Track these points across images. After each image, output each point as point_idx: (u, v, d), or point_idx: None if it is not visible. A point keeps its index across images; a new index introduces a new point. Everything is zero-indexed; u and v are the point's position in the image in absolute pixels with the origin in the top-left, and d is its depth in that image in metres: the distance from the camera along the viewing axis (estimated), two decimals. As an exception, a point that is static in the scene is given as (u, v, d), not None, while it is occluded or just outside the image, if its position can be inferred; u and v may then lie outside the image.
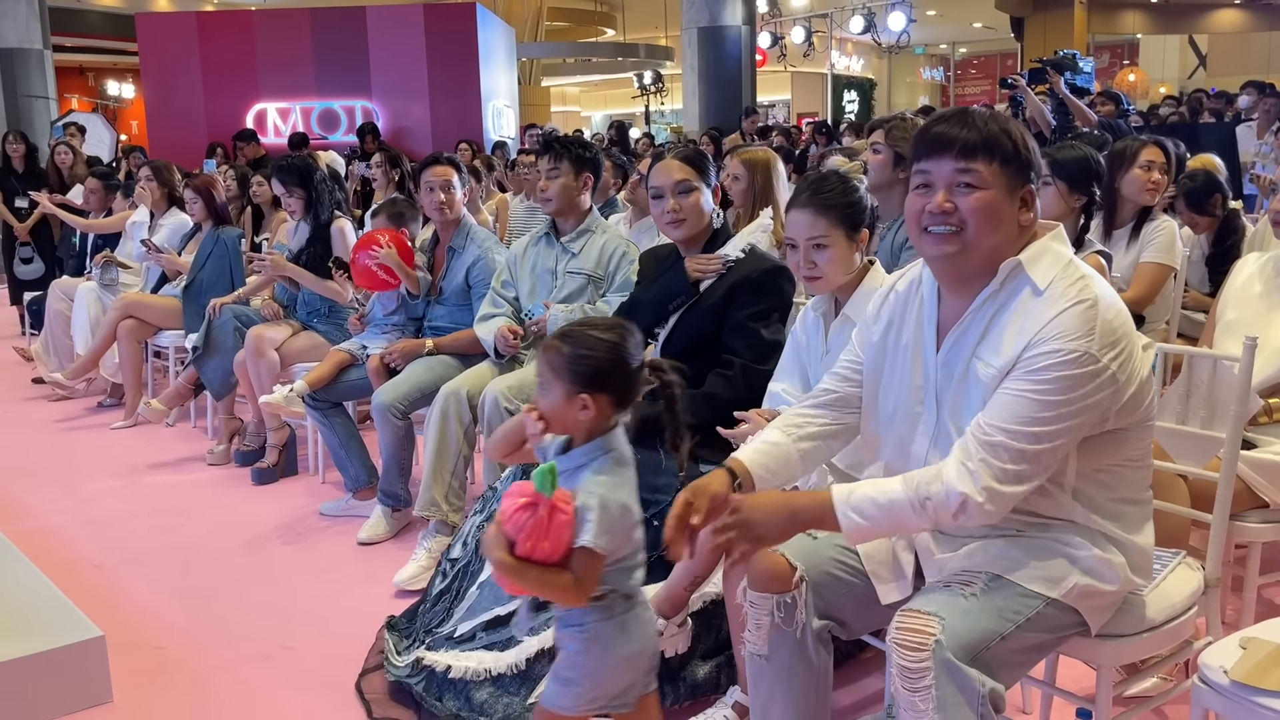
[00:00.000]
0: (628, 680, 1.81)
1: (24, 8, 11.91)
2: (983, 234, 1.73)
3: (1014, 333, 1.71)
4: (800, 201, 2.40)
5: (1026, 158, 1.75)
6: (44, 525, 3.97)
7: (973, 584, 1.72)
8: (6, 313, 8.66)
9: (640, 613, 1.81)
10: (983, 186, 1.73)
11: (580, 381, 1.77)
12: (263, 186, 5.67)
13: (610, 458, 1.79)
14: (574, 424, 1.79)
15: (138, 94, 20.88)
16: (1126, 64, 24.44)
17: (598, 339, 1.80)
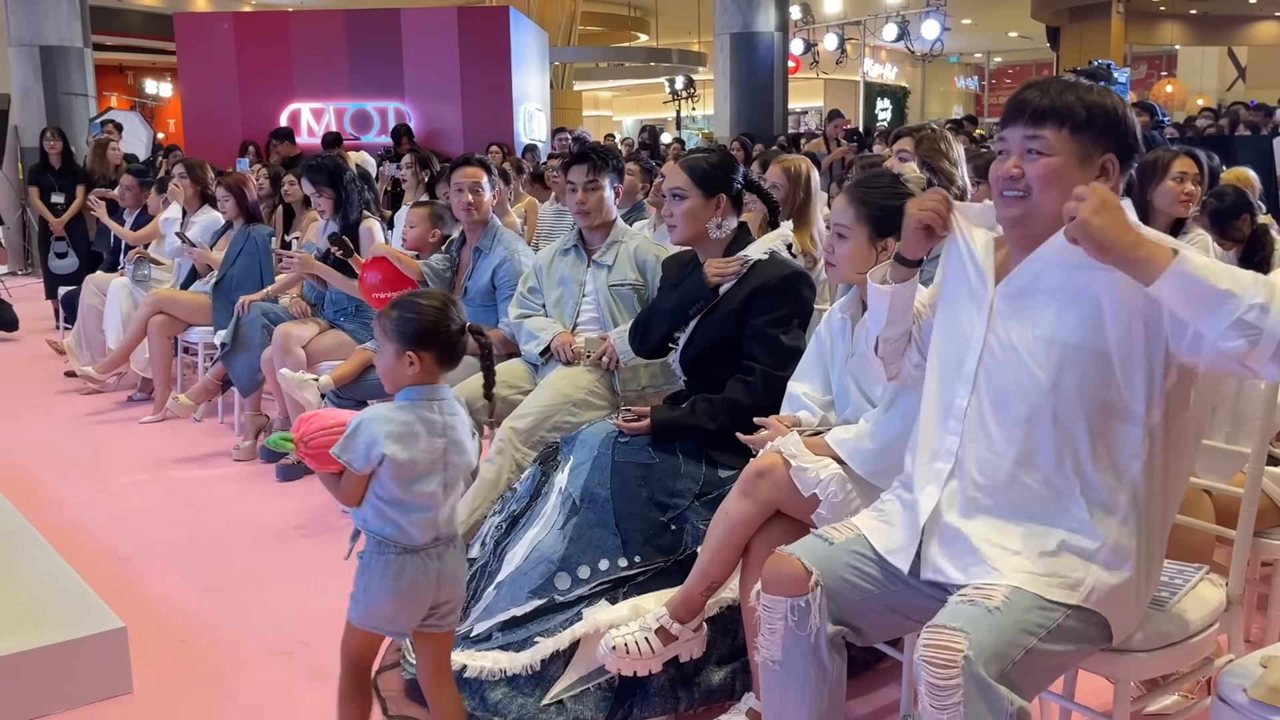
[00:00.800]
0: (393, 614, 2.08)
1: (65, 6, 12.08)
2: (1047, 199, 1.76)
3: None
4: (846, 187, 2.41)
5: (1106, 126, 1.75)
6: (72, 517, 4.02)
7: (993, 597, 1.70)
8: (41, 306, 8.78)
9: (412, 566, 2.04)
10: (1049, 153, 1.76)
11: (407, 341, 2.02)
12: (294, 185, 5.72)
13: (409, 404, 2.03)
14: (404, 379, 2.04)
15: (175, 93, 21.11)
16: (1164, 75, 24.20)
17: (423, 305, 2.06)
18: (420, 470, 2.01)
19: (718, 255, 2.87)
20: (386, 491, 2.01)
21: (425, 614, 2.11)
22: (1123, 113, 1.78)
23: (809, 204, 3.89)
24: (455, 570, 2.13)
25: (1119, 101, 1.80)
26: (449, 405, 2.09)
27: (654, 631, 2.30)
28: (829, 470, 2.16)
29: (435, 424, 2.05)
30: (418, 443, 2.01)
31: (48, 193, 8.74)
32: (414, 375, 2.04)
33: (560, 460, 2.82)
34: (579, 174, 3.46)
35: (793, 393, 2.53)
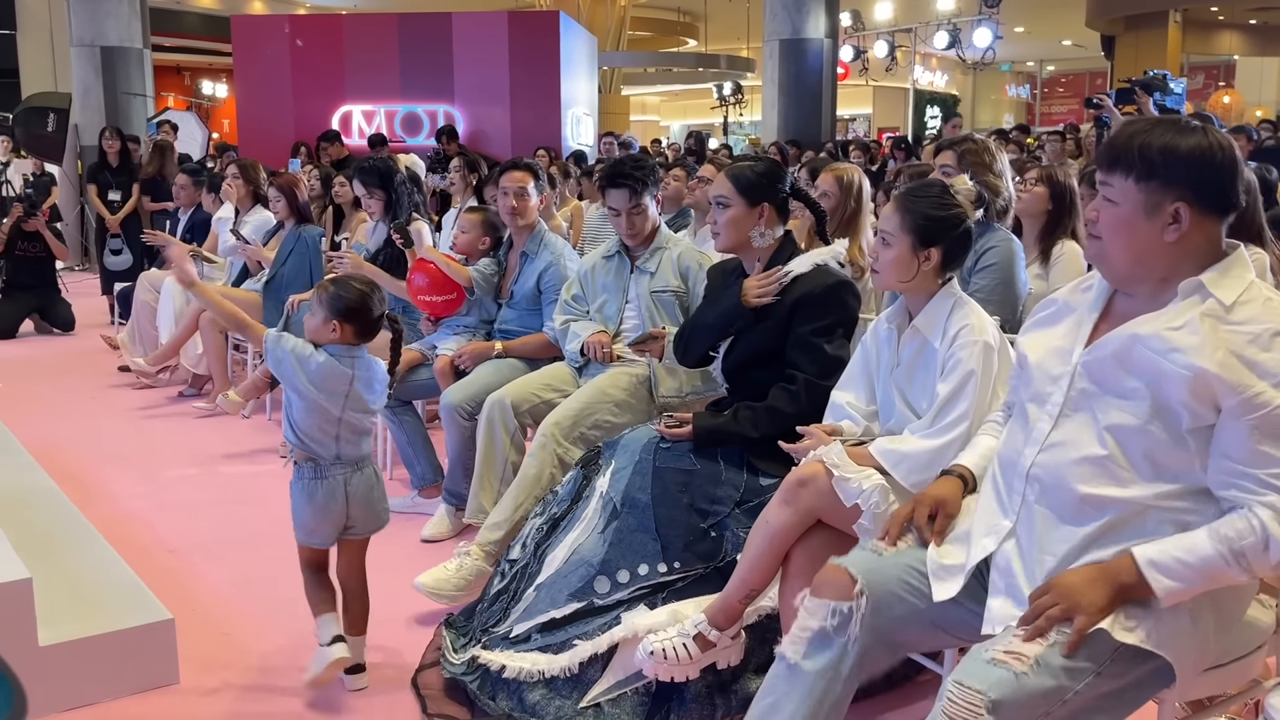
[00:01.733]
0: (315, 525, 2.66)
1: (126, 8, 12.32)
2: (1115, 248, 1.80)
3: (1199, 336, 1.69)
4: (894, 195, 2.41)
5: (1175, 175, 1.72)
6: (123, 509, 4.10)
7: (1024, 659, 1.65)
8: (97, 302, 8.96)
9: (325, 487, 2.63)
10: (1115, 201, 1.78)
11: (334, 313, 2.57)
12: (344, 187, 5.80)
13: (327, 361, 2.57)
14: (326, 340, 2.60)
15: (230, 93, 21.46)
16: (1222, 86, 23.78)
17: (352, 288, 2.60)
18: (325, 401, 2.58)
19: (762, 263, 2.87)
20: (298, 416, 2.62)
21: (342, 528, 2.68)
22: (1207, 156, 1.72)
23: (859, 214, 3.88)
24: (363, 492, 2.68)
25: (1209, 143, 1.73)
26: (360, 363, 2.62)
27: (692, 638, 2.30)
28: (871, 480, 2.15)
29: (340, 374, 2.58)
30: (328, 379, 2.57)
31: (105, 190, 8.93)
32: (334, 339, 2.59)
33: (602, 464, 2.84)
34: (621, 200, 3.47)
35: (836, 402, 2.52)
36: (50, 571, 2.85)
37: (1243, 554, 1.65)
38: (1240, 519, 1.67)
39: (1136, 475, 1.74)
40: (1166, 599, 1.67)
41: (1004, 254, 3.13)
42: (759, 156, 3.05)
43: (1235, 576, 1.68)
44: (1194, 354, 1.68)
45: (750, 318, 2.81)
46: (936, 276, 2.34)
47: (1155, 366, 1.72)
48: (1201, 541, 1.68)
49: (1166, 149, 1.72)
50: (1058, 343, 1.90)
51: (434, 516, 3.81)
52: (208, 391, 5.88)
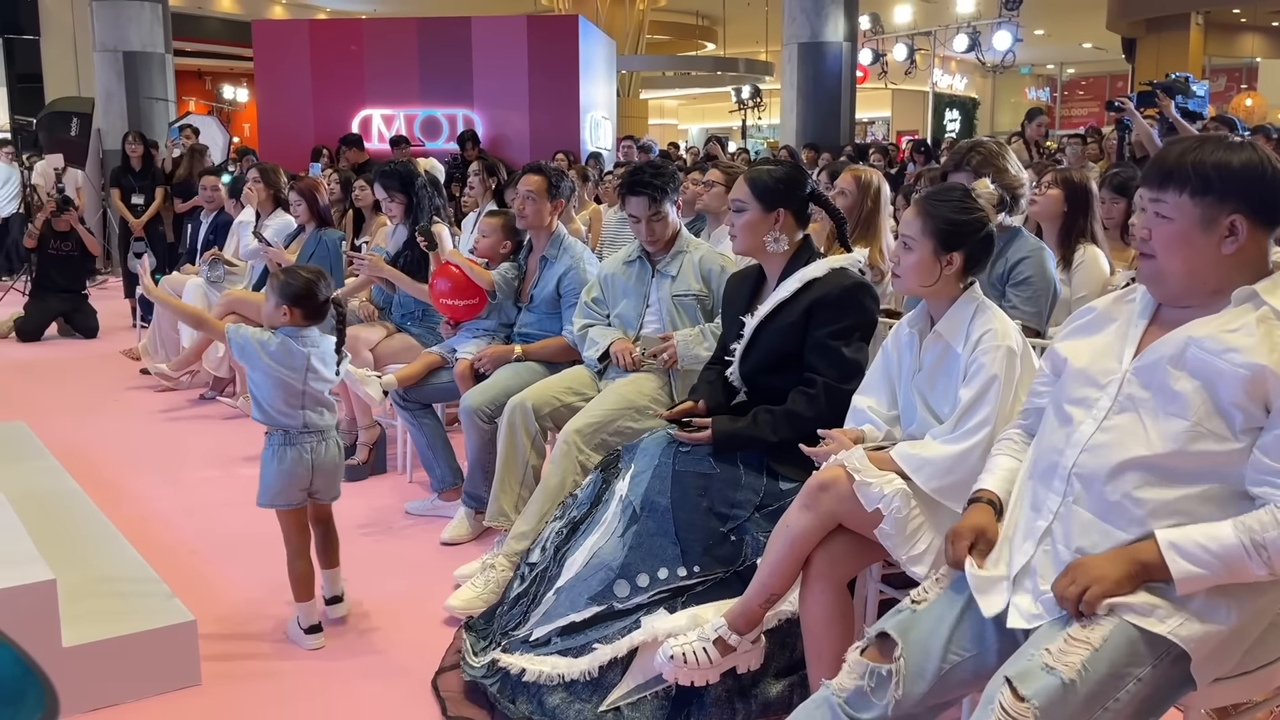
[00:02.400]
0: (282, 489, 2.93)
1: (148, 14, 12.42)
2: (1171, 263, 1.82)
3: (1255, 336, 1.72)
4: (916, 199, 2.41)
5: (1230, 188, 1.76)
6: (145, 511, 4.12)
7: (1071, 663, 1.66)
8: (120, 305, 9.03)
9: (293, 452, 2.92)
10: (1169, 217, 1.80)
11: (284, 298, 2.89)
12: (365, 190, 5.82)
13: (283, 342, 2.90)
14: (278, 322, 2.91)
15: (251, 98, 21.60)
16: (1244, 88, 23.60)
17: (301, 276, 2.91)
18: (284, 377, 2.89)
19: (777, 267, 2.87)
20: (266, 389, 2.90)
21: (305, 493, 2.97)
22: (1260, 170, 1.77)
23: (877, 215, 3.88)
24: (326, 461, 2.99)
25: (1259, 158, 1.78)
26: (310, 339, 2.93)
27: (712, 642, 2.29)
28: (893, 485, 2.15)
29: (297, 352, 2.89)
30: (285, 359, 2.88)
31: (128, 194, 9.01)
32: (285, 322, 2.91)
33: (621, 468, 2.84)
34: (640, 207, 3.48)
35: (858, 406, 2.51)
36: (74, 573, 2.87)
37: (1264, 546, 1.67)
38: (1266, 512, 1.69)
39: (1183, 477, 1.76)
40: (1183, 583, 1.69)
41: (1038, 264, 3.12)
42: (779, 161, 3.03)
43: (1254, 570, 1.68)
44: (1250, 353, 1.72)
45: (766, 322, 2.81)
46: (959, 281, 2.33)
47: (1211, 367, 1.75)
48: (1225, 530, 1.70)
49: (1220, 164, 1.77)
50: (1104, 348, 1.92)
51: (454, 519, 3.82)
52: (230, 393, 5.92)
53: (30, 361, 7.23)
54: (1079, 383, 1.91)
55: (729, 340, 2.94)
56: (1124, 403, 1.84)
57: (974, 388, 2.22)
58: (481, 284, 4.06)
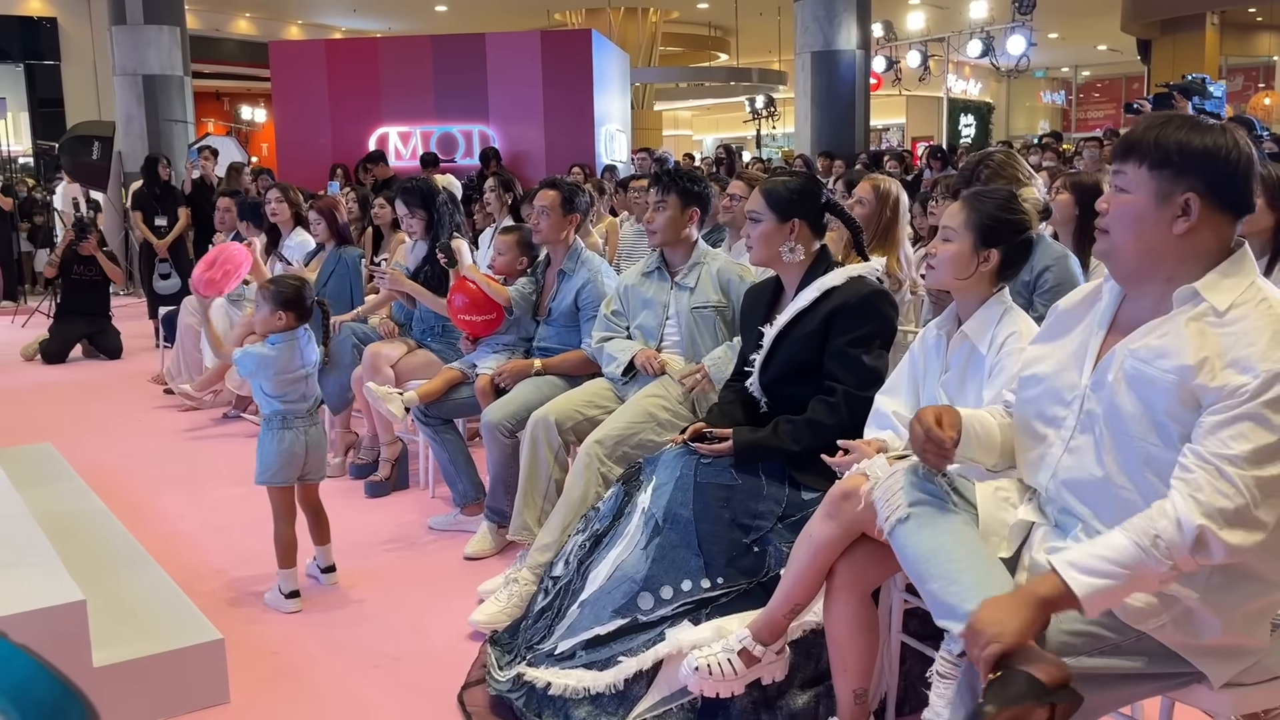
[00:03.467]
0: (280, 468, 3.30)
1: (167, 37, 12.56)
2: (1124, 238, 1.78)
3: (1187, 341, 1.69)
4: (963, 195, 2.43)
5: (1190, 165, 1.71)
6: (171, 530, 4.16)
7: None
8: (143, 325, 9.11)
9: (290, 435, 3.29)
10: (1126, 190, 1.77)
11: (279, 305, 3.28)
12: (384, 208, 5.86)
13: (282, 344, 3.29)
14: (276, 328, 3.29)
15: (269, 118, 21.78)
16: (1261, 87, 23.44)
17: (289, 284, 3.32)
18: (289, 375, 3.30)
19: (795, 277, 2.88)
20: (271, 388, 3.29)
21: (300, 471, 3.34)
22: (1223, 151, 1.71)
23: (895, 225, 3.88)
24: (316, 441, 3.38)
25: (1227, 141, 1.73)
26: (303, 340, 3.33)
27: (737, 653, 2.29)
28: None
29: (296, 353, 3.30)
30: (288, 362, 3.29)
31: (151, 216, 9.10)
32: (281, 326, 3.28)
33: (643, 480, 2.84)
34: (651, 195, 3.59)
35: (881, 409, 2.51)
36: (103, 593, 2.90)
37: (1158, 538, 1.62)
38: (1154, 508, 1.66)
39: (1140, 493, 1.74)
40: (1090, 601, 1.64)
41: (1064, 271, 3.12)
42: (795, 172, 3.05)
43: (1156, 567, 1.63)
44: (1176, 355, 1.68)
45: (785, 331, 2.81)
46: (992, 282, 2.35)
47: (1144, 377, 1.72)
48: (1116, 537, 1.66)
49: (1183, 140, 1.73)
50: (1067, 361, 1.89)
51: (476, 534, 3.83)
52: (253, 411, 5.96)
53: (55, 383, 7.31)
54: (1049, 400, 1.90)
55: (748, 351, 2.95)
56: (1085, 421, 1.82)
57: (995, 388, 2.22)
58: (499, 299, 4.08)
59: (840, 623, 2.21)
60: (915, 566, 1.89)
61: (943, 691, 1.80)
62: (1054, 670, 1.60)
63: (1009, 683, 1.58)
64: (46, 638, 2.47)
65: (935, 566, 1.84)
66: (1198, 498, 1.61)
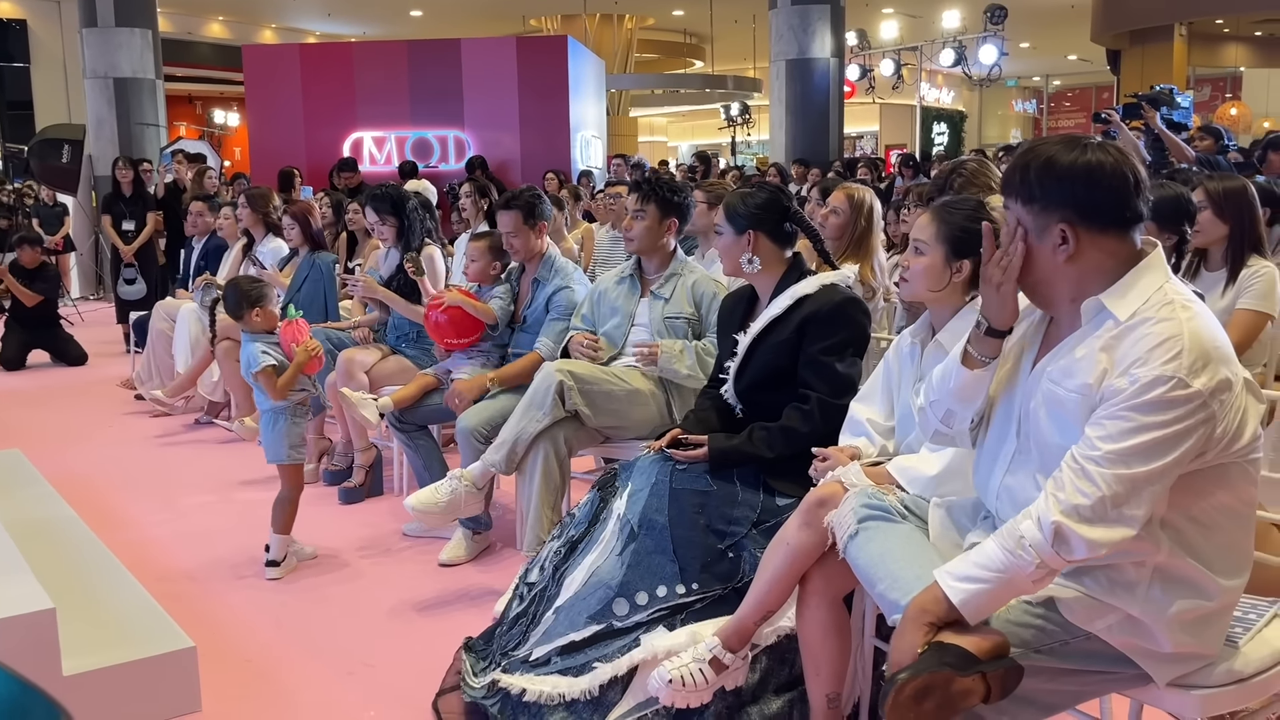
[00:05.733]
0: (302, 442, 3.67)
1: (138, 40, 12.45)
2: (1026, 277, 1.79)
3: (1092, 359, 1.70)
4: (931, 206, 2.45)
5: (1051, 194, 1.72)
6: (142, 536, 4.12)
7: None
8: (112, 331, 9.03)
9: (294, 418, 3.62)
10: (1020, 227, 1.76)
11: (248, 305, 3.58)
12: (359, 214, 5.84)
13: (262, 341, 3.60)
14: (258, 328, 3.60)
15: (242, 122, 21.64)
16: (1229, 98, 23.78)
17: (252, 282, 3.68)
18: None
19: (767, 286, 2.91)
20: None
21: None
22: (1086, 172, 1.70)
23: (870, 233, 3.91)
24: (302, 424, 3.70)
25: (1090, 160, 1.71)
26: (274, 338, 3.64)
27: (708, 662, 2.30)
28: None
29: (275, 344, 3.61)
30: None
31: (119, 220, 9.02)
32: (259, 325, 3.60)
33: (618, 487, 2.85)
34: (630, 201, 3.61)
35: (855, 416, 2.53)
36: (73, 601, 2.87)
37: (1022, 539, 1.65)
38: (1022, 511, 1.70)
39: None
40: (966, 607, 1.66)
41: None
42: (760, 184, 3.08)
43: (1025, 568, 1.65)
44: (1081, 374, 1.70)
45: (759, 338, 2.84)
46: (964, 291, 2.37)
47: (1055, 397, 1.74)
48: (988, 543, 1.70)
49: (1043, 169, 1.72)
50: (1006, 380, 1.91)
51: (451, 541, 3.82)
52: (225, 417, 5.92)
53: (23, 389, 7.23)
54: (999, 419, 1.92)
55: (724, 359, 2.97)
56: (1022, 442, 1.85)
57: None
58: (484, 319, 4.06)
59: (813, 628, 2.23)
60: (865, 573, 1.94)
61: None
62: (987, 642, 1.62)
63: (933, 653, 1.61)
64: (15, 646, 2.44)
65: (882, 569, 1.88)
66: (1058, 495, 1.65)
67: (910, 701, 1.57)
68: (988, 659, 1.61)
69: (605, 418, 3.36)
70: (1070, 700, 1.83)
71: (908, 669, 1.60)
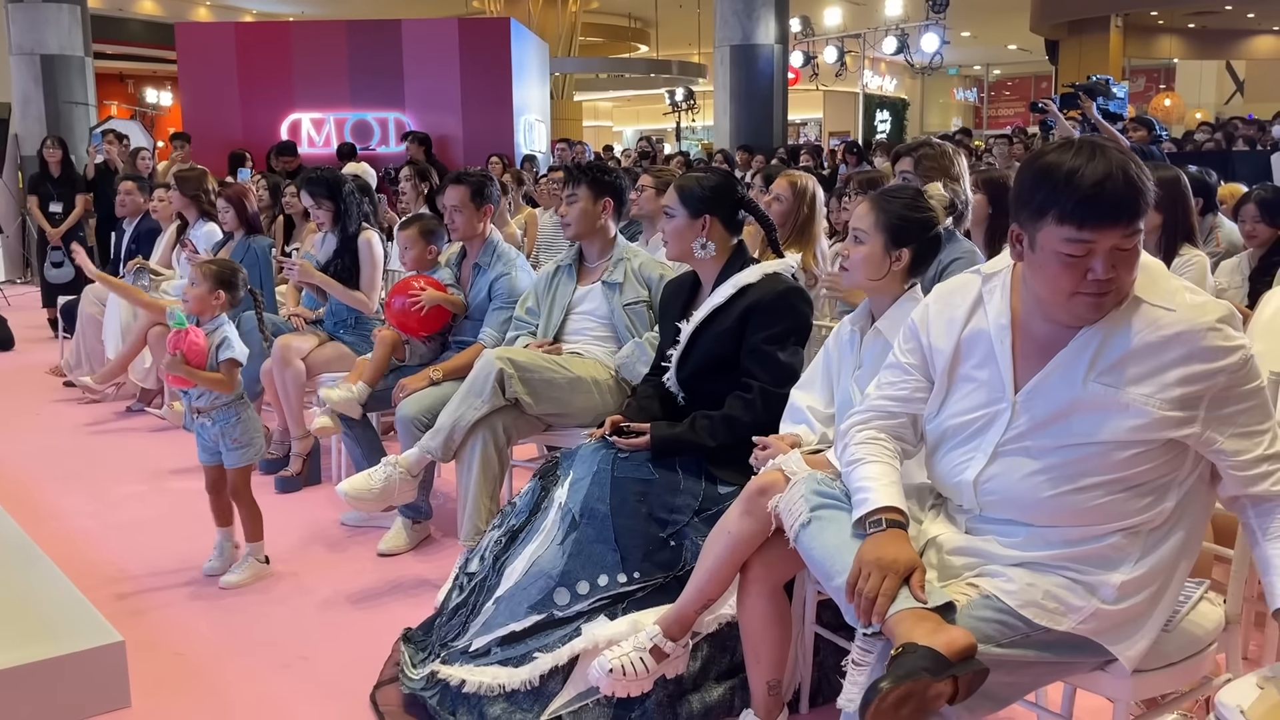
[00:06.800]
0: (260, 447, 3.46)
1: (66, 16, 12.10)
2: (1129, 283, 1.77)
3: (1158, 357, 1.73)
4: (869, 195, 2.45)
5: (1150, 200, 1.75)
6: (69, 528, 4.01)
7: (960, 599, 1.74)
8: (38, 315, 8.78)
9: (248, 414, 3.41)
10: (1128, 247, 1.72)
11: (217, 284, 3.38)
12: (295, 197, 5.73)
13: (226, 323, 3.40)
14: (214, 310, 3.38)
15: (175, 101, 21.17)
16: (1163, 89, 24.28)
17: (226, 265, 3.49)
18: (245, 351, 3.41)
19: (711, 273, 2.90)
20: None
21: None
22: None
23: (812, 221, 3.92)
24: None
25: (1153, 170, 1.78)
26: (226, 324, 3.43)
27: (649, 650, 2.29)
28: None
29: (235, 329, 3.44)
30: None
31: (46, 202, 8.77)
32: (219, 306, 3.39)
33: (560, 475, 2.83)
34: (563, 190, 3.60)
35: (795, 404, 2.54)
36: (-5, 595, 2.78)
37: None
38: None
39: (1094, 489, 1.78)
40: None
41: (969, 265, 3.17)
42: (711, 169, 3.07)
43: None
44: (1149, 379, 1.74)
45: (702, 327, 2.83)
46: (904, 279, 2.39)
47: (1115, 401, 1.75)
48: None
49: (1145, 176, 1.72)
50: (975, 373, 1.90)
51: (390, 530, 3.77)
52: (157, 404, 5.79)
53: (-53, 375, 7.00)
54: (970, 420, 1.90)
55: (666, 346, 2.96)
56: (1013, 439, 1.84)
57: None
58: (455, 310, 3.99)
59: (754, 616, 2.23)
60: (820, 566, 1.92)
61: (857, 679, 1.81)
62: (956, 642, 1.63)
63: (909, 658, 1.61)
64: (-67, 644, 2.36)
65: (838, 562, 1.86)
66: None
67: (890, 709, 1.58)
68: (957, 660, 1.62)
69: (547, 405, 3.32)
70: (1024, 691, 1.85)
71: (888, 677, 1.59)
